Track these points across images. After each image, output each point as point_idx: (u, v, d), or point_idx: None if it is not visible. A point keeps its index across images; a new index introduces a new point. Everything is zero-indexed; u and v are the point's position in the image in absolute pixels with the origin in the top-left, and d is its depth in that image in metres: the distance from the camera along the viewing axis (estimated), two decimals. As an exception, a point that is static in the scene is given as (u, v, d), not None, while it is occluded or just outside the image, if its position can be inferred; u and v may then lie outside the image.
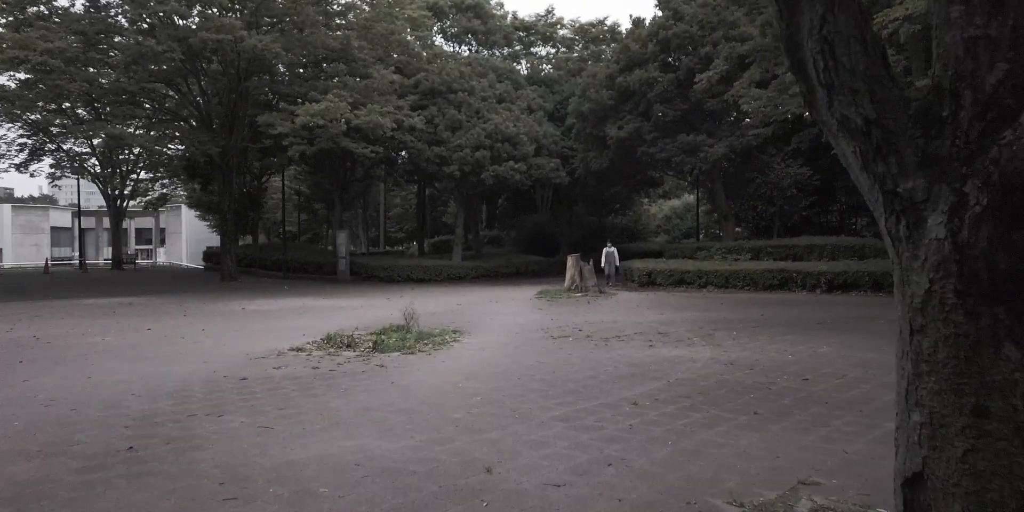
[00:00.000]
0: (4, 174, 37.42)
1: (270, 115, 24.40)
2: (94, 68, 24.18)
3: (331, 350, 10.84)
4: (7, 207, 67.20)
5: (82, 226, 43.07)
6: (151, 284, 28.27)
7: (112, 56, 22.84)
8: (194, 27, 23.26)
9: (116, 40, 23.02)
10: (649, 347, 11.00)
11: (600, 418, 6.38)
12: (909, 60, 13.30)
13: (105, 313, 17.14)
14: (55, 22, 22.12)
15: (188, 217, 60.33)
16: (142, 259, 67.59)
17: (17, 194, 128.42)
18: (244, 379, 8.58)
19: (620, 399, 7.20)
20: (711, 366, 9.16)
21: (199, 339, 12.40)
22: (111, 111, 25.68)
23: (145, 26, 23.70)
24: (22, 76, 24.08)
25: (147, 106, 27.93)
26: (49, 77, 21.61)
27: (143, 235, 71.84)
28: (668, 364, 9.33)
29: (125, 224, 69.77)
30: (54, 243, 64.82)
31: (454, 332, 12.95)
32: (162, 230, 69.08)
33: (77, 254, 59.35)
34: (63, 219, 65.04)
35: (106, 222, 48.49)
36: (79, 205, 40.06)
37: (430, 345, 11.32)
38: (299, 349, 10.90)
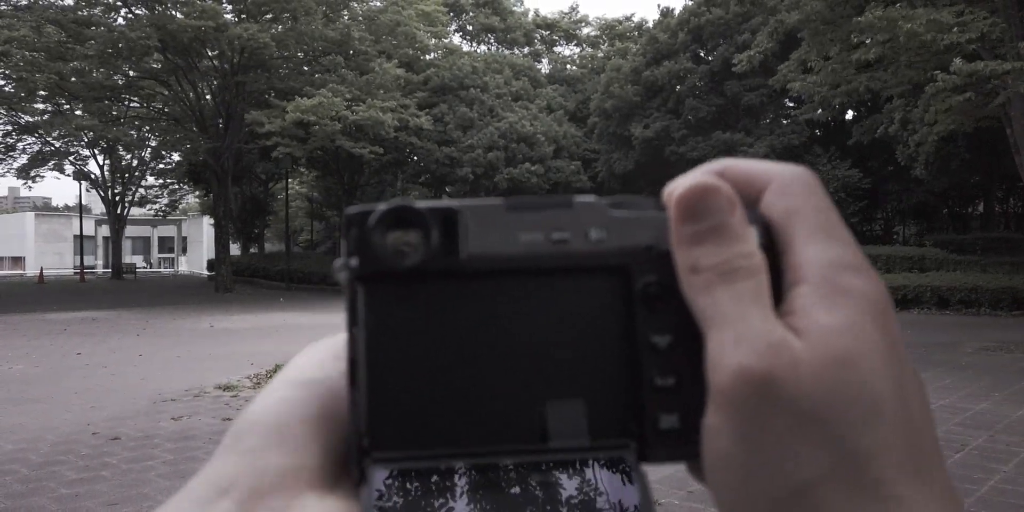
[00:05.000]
0: (33, 182, 36.54)
1: (259, 112, 22.25)
2: (74, 61, 22.32)
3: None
4: (30, 215, 66.77)
5: (83, 233, 41.56)
6: (137, 295, 26.29)
7: (90, 46, 20.94)
8: (178, 15, 21.27)
9: (92, 30, 21.13)
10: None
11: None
12: (1009, 22, 10.65)
13: (52, 331, 15.04)
14: (15, 7, 20.29)
15: (209, 225, 59.15)
16: (164, 267, 66.64)
17: (54, 203, 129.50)
18: (115, 439, 6.25)
19: None
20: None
21: (122, 370, 10.13)
22: (84, 107, 23.77)
23: (128, 17, 21.81)
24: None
25: (135, 103, 26.06)
26: (15, 69, 19.78)
27: (166, 244, 70.89)
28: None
29: (148, 233, 69.23)
30: (77, 251, 64.32)
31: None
32: (184, 238, 68.01)
33: (101, 262, 58.42)
34: (88, 227, 64.62)
35: (128, 230, 47.14)
36: (80, 211, 38.54)
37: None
38: (228, 387, 8.55)
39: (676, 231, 0.27)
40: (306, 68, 26.78)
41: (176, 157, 36.27)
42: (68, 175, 36.24)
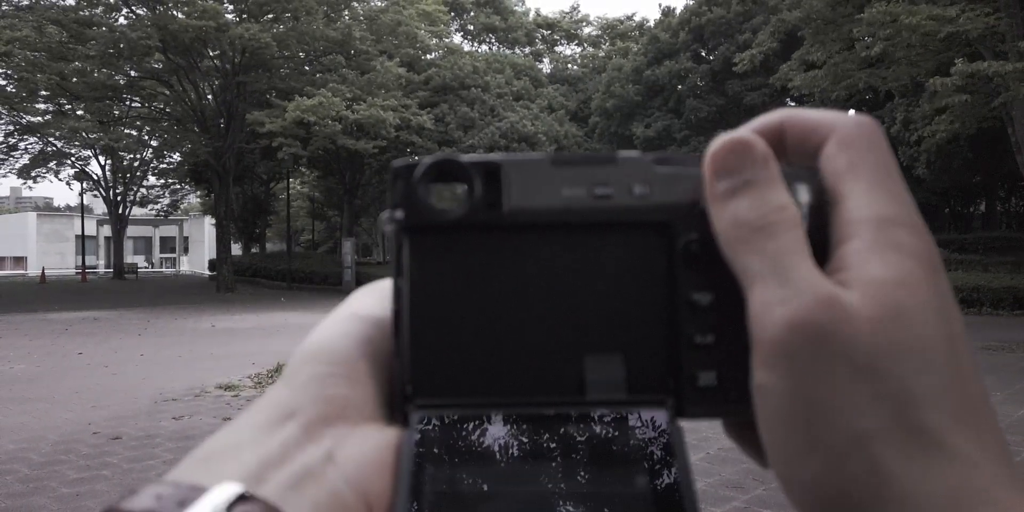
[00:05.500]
0: (35, 183, 36.39)
1: (260, 112, 22.28)
2: (76, 61, 22.35)
3: (267, 388, 8.46)
4: (32, 216, 66.85)
5: (85, 233, 41.60)
6: (138, 295, 26.31)
7: (92, 46, 20.98)
8: (179, 15, 21.30)
9: (93, 30, 21.18)
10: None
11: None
12: (1012, 19, 10.63)
13: (54, 331, 15.06)
14: (16, 7, 20.35)
15: (210, 225, 59.29)
16: (166, 267, 66.64)
17: (56, 203, 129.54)
18: (116, 439, 6.26)
19: None
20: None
21: (124, 369, 10.15)
22: (86, 107, 23.81)
23: (129, 17, 21.83)
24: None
25: (136, 103, 26.10)
26: (16, 69, 19.84)
27: (167, 243, 70.97)
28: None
29: (149, 233, 69.27)
30: (79, 251, 64.48)
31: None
32: (185, 238, 68.06)
33: (103, 262, 58.45)
34: (90, 227, 64.74)
35: (130, 230, 47.13)
36: (82, 211, 38.60)
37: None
38: (229, 387, 8.56)
39: (710, 187, 0.26)
40: (307, 68, 26.81)
41: (177, 157, 36.35)
42: (61, 179, 36.14)
